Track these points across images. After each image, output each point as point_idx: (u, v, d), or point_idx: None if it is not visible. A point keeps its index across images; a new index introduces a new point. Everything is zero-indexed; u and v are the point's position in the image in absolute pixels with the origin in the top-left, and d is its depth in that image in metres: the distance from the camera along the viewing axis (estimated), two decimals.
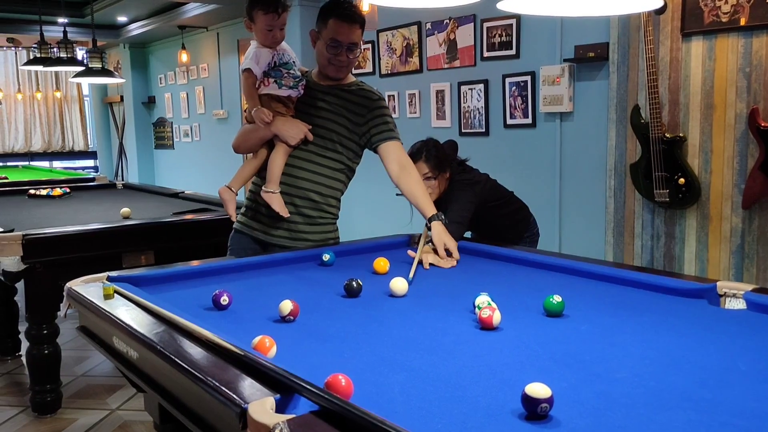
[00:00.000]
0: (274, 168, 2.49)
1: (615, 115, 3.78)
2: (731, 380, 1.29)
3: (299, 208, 2.54)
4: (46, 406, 3.27)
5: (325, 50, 2.47)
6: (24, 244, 2.99)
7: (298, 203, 2.54)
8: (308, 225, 2.57)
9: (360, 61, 5.67)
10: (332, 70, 2.53)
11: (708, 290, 1.84)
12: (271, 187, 2.49)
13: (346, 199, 2.75)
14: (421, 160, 2.82)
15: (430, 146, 2.87)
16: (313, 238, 2.58)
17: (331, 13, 2.44)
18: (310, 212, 2.56)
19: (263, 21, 2.43)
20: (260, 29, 2.46)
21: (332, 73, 2.54)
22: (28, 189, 4.92)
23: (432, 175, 2.82)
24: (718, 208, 3.43)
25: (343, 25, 2.42)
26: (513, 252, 2.45)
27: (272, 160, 2.50)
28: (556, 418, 1.13)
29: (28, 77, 10.99)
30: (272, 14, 2.43)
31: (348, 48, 2.47)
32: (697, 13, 3.38)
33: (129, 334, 1.57)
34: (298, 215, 2.55)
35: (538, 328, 1.65)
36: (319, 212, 2.58)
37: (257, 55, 2.49)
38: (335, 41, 2.44)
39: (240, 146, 2.64)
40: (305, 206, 2.55)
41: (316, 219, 2.58)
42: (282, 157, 2.50)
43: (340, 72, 2.54)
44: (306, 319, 1.73)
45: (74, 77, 5.57)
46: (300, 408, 1.09)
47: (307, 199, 2.54)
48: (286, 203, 2.51)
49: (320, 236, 2.60)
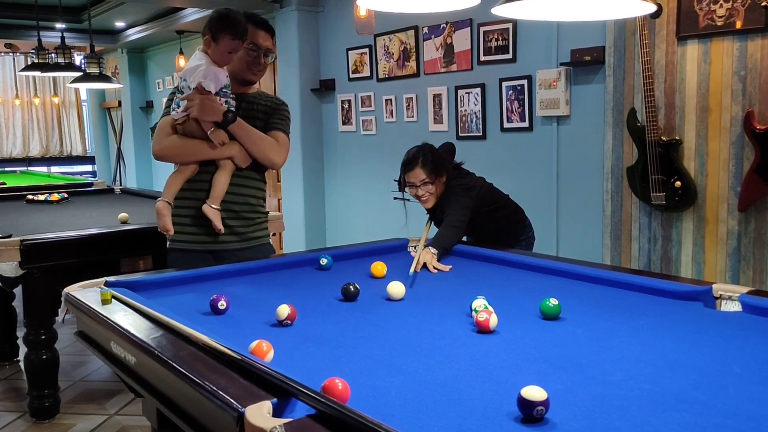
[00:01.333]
0: (221, 186, 2.60)
1: (611, 119, 3.79)
2: (726, 382, 1.30)
3: (239, 213, 2.67)
4: (44, 411, 3.27)
5: (245, 54, 2.61)
6: (22, 250, 2.99)
7: (236, 209, 2.66)
8: (248, 226, 2.72)
9: (358, 65, 5.68)
10: (250, 74, 2.67)
11: (703, 293, 1.85)
12: (216, 204, 2.59)
13: (343, 203, 2.77)
14: (418, 166, 2.83)
15: (426, 151, 2.88)
16: (255, 235, 2.74)
17: (249, 20, 2.61)
18: (249, 215, 2.71)
19: (228, 44, 2.52)
20: (222, 51, 2.53)
21: (250, 77, 2.68)
22: (26, 194, 4.91)
23: (429, 180, 2.83)
24: (714, 211, 3.44)
25: (259, 31, 2.63)
26: (509, 255, 2.46)
27: (219, 179, 2.60)
28: (552, 420, 1.14)
29: (26, 82, 10.99)
30: (238, 41, 2.53)
31: (264, 53, 2.65)
32: (692, 17, 3.39)
33: (127, 339, 1.58)
34: (239, 219, 2.68)
35: (534, 331, 1.66)
36: (256, 213, 2.75)
37: (216, 74, 2.53)
38: (255, 45, 2.61)
39: (174, 157, 2.66)
40: (244, 210, 2.69)
41: (254, 220, 2.74)
42: (228, 175, 2.62)
43: (257, 75, 2.70)
44: (303, 323, 1.73)
45: (72, 82, 5.57)
46: (297, 412, 1.10)
47: (246, 204, 2.70)
48: (225, 210, 2.63)
49: (261, 233, 2.78)
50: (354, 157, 5.84)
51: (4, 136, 10.94)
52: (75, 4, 7.18)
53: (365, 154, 5.72)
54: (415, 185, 2.86)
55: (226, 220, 2.63)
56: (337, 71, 5.93)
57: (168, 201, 2.61)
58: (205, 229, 2.62)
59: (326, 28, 6.00)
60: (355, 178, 5.86)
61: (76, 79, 5.48)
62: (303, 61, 6.00)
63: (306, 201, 6.05)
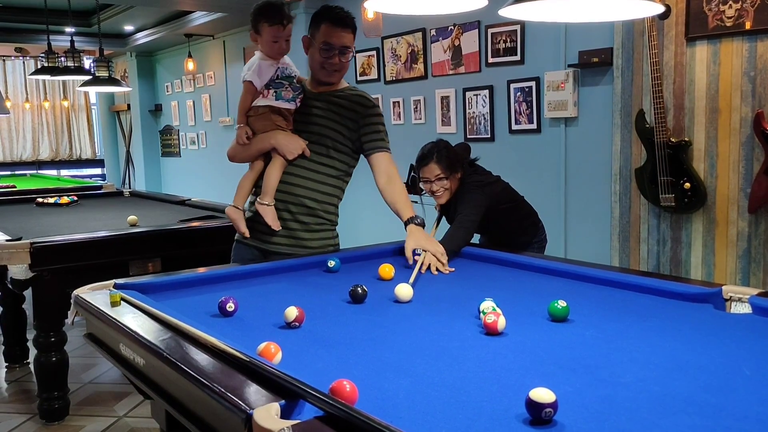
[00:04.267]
0: (270, 181, 2.51)
1: (620, 120, 3.78)
2: (736, 385, 1.29)
3: (295, 215, 2.56)
4: (54, 413, 3.28)
5: (318, 54, 2.50)
6: (32, 252, 3.01)
7: (293, 210, 2.55)
8: (306, 231, 2.58)
9: (365, 68, 5.69)
10: (324, 74, 2.55)
11: (713, 295, 1.84)
12: (266, 200, 2.51)
13: (351, 205, 2.76)
14: (433, 161, 2.83)
15: (441, 147, 2.88)
16: (311, 244, 2.59)
17: (324, 18, 2.48)
18: (306, 219, 2.57)
19: (269, 33, 2.46)
20: (266, 41, 2.48)
21: (324, 77, 2.56)
22: (35, 197, 4.95)
23: (444, 175, 2.83)
24: (724, 213, 3.43)
25: (335, 28, 2.47)
26: (517, 257, 2.45)
27: (269, 173, 2.52)
28: (560, 423, 1.13)
29: (36, 86, 11.07)
30: (277, 26, 2.45)
31: (340, 51, 2.49)
32: (701, 18, 3.38)
33: (136, 341, 1.58)
34: (295, 222, 2.56)
35: (542, 333, 1.65)
36: (315, 218, 2.59)
37: (260, 67, 2.49)
38: (327, 44, 2.47)
39: (236, 156, 2.65)
40: (300, 213, 2.56)
41: (311, 225, 2.59)
42: (279, 170, 2.52)
43: (333, 76, 2.56)
44: (311, 325, 1.73)
45: (82, 86, 5.61)
46: (305, 413, 1.10)
47: (302, 206, 2.56)
48: (281, 210, 2.53)
49: (319, 242, 2.61)
50: (362, 159, 5.83)
51: (15, 139, 11.02)
52: (84, 8, 7.23)
53: None
54: (429, 180, 2.86)
55: (286, 221, 2.54)
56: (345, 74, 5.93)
57: (235, 206, 2.56)
58: (260, 226, 2.55)
59: None
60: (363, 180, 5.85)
61: (86, 83, 5.52)
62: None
63: None
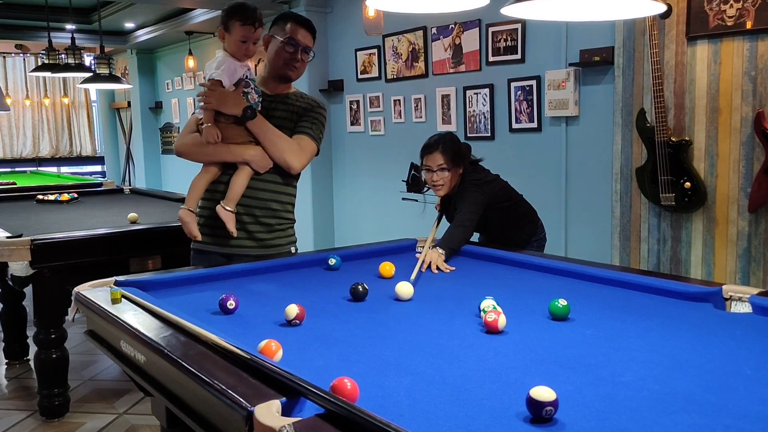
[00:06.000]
0: (238, 188, 2.52)
1: (620, 119, 3.78)
2: (736, 384, 1.29)
3: (258, 218, 2.58)
4: (54, 410, 3.28)
5: (282, 50, 2.55)
6: (32, 249, 3.01)
7: (257, 213, 2.58)
8: (268, 233, 2.61)
9: (366, 66, 5.69)
10: (287, 70, 2.60)
11: (713, 294, 1.84)
12: (230, 206, 2.52)
13: (352, 204, 2.76)
14: (438, 150, 2.84)
15: (447, 139, 2.90)
16: (275, 243, 2.63)
17: (290, 18, 2.60)
18: (269, 221, 2.60)
19: (239, 32, 2.48)
20: (234, 40, 2.49)
21: (286, 72, 2.61)
22: (36, 194, 4.94)
23: (446, 166, 2.84)
24: (724, 212, 3.43)
25: (301, 28, 2.57)
26: (518, 256, 2.45)
27: (236, 181, 2.52)
28: (560, 421, 1.14)
29: (37, 83, 11.06)
30: (249, 26, 2.48)
31: (303, 50, 2.58)
32: (702, 17, 3.38)
33: (136, 338, 1.58)
34: (258, 224, 2.58)
35: (543, 331, 1.66)
36: (278, 219, 2.63)
37: (231, 68, 2.49)
38: (293, 40, 2.55)
39: (192, 154, 2.63)
40: (264, 216, 2.59)
41: (274, 226, 2.62)
42: (246, 178, 2.53)
43: (295, 73, 2.62)
44: (312, 323, 1.74)
45: (82, 83, 5.61)
46: (306, 411, 1.10)
47: (267, 209, 2.59)
48: (244, 214, 2.55)
49: (282, 240, 2.66)
50: (362, 157, 5.85)
51: (15, 136, 11.01)
52: (85, 5, 7.22)
53: (373, 155, 5.72)
54: (431, 170, 2.86)
55: (246, 224, 2.56)
56: (345, 72, 5.94)
57: (189, 209, 2.57)
58: (221, 231, 2.55)
59: (335, 28, 6.01)
60: (363, 178, 5.86)
61: (86, 80, 5.52)
62: (311, 61, 6.00)
63: (314, 201, 6.06)
